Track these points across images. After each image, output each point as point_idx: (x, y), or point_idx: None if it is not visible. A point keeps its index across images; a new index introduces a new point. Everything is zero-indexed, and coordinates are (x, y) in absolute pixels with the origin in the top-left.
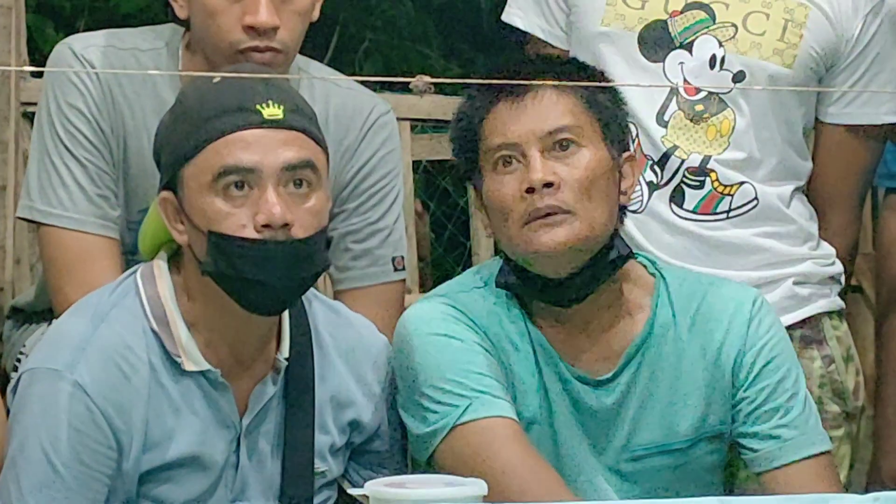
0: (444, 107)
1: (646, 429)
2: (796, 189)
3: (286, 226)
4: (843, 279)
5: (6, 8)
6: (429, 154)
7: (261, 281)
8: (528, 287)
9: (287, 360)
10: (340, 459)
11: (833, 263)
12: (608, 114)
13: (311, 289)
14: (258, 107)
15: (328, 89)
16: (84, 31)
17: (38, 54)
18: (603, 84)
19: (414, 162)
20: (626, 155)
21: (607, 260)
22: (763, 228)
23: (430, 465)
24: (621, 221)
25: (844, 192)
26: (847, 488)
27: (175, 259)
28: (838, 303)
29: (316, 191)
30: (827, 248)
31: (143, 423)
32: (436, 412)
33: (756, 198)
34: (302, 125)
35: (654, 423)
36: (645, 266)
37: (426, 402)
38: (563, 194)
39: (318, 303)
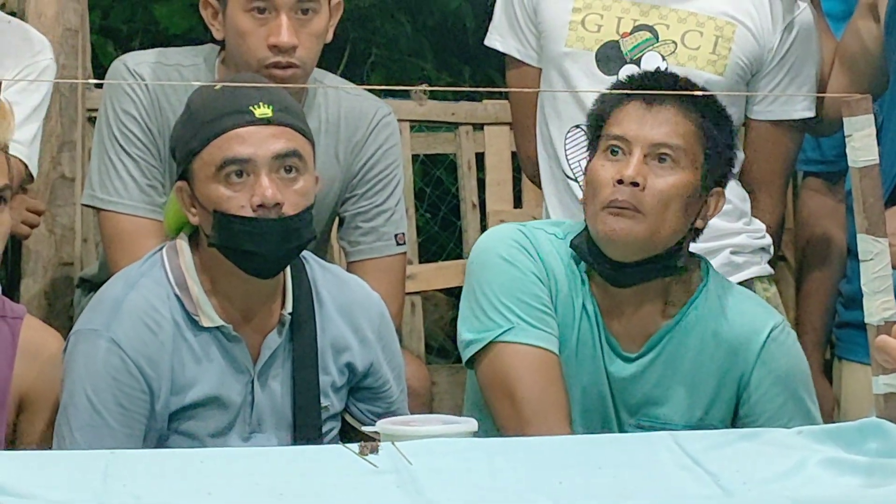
0: (438, 110)
1: (653, 404)
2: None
3: (278, 205)
4: (771, 250)
5: (74, 31)
6: (425, 149)
7: (256, 251)
8: (594, 258)
9: (291, 314)
10: (341, 396)
11: (763, 237)
12: (717, 151)
13: (312, 255)
14: (251, 108)
15: (340, 96)
16: (139, 48)
17: (100, 68)
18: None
19: (413, 155)
20: (716, 189)
21: (666, 264)
22: None
23: (469, 367)
24: (693, 239)
25: (771, 177)
26: None
27: (193, 237)
28: (768, 269)
29: (303, 175)
30: (758, 224)
31: (169, 371)
32: (482, 324)
33: None
34: (289, 121)
35: (661, 401)
36: (699, 267)
37: (477, 312)
38: (643, 196)
39: (317, 266)
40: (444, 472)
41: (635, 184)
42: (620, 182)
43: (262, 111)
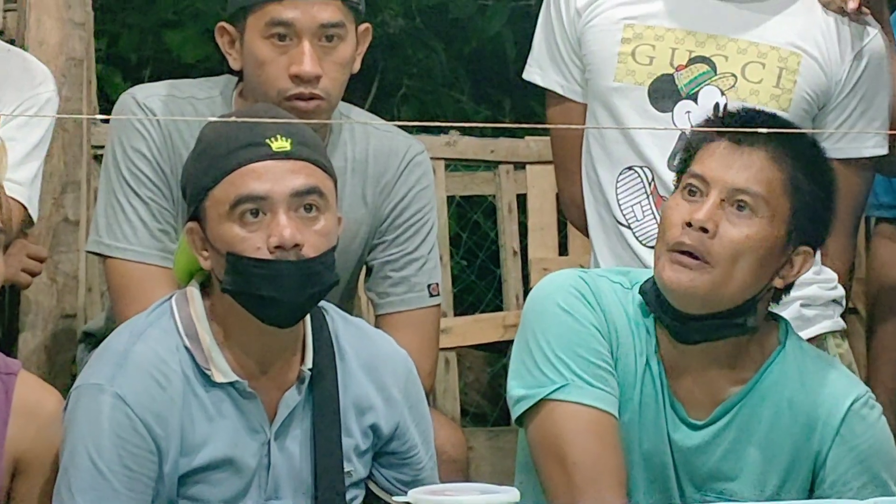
0: (475, 147)
1: (721, 478)
2: None
3: (297, 246)
4: (844, 302)
5: (78, 60)
6: (461, 190)
7: (274, 297)
8: (658, 306)
9: (311, 370)
10: (365, 462)
11: (835, 287)
12: (805, 204)
13: (333, 307)
14: (268, 140)
15: (368, 132)
16: (149, 79)
17: (107, 101)
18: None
19: (448, 197)
20: (804, 249)
21: (735, 322)
22: None
23: (520, 425)
24: (774, 300)
25: (840, 220)
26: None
27: (206, 285)
28: (840, 323)
29: (324, 213)
30: (829, 274)
31: (179, 429)
32: (534, 379)
33: None
34: (308, 155)
35: (730, 475)
36: (777, 328)
37: (529, 366)
38: (712, 245)
39: (339, 319)
40: None
41: (705, 230)
42: (690, 225)
43: (280, 144)
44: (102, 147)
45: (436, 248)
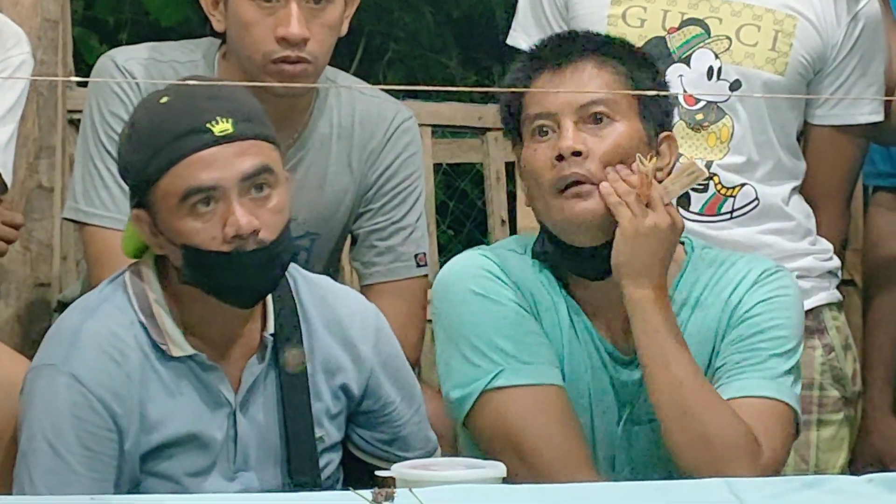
0: (463, 113)
1: None
2: (794, 188)
3: (255, 232)
4: (840, 273)
5: (53, 22)
6: (449, 157)
7: (237, 286)
8: (561, 256)
9: (273, 336)
10: (338, 424)
11: (831, 258)
12: (651, 97)
13: (295, 267)
14: (209, 125)
15: (354, 97)
16: (127, 42)
17: (83, 65)
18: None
19: (435, 165)
20: (664, 134)
21: None
22: (765, 226)
23: (465, 427)
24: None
25: (834, 188)
26: (847, 468)
27: (160, 260)
28: (837, 295)
29: (276, 189)
30: (825, 244)
31: (138, 406)
32: (465, 375)
33: (757, 198)
34: (251, 131)
35: None
36: (682, 243)
37: (457, 362)
38: (590, 164)
39: (301, 279)
40: None
41: (577, 153)
42: (560, 158)
43: (223, 127)
44: (79, 112)
45: (423, 216)
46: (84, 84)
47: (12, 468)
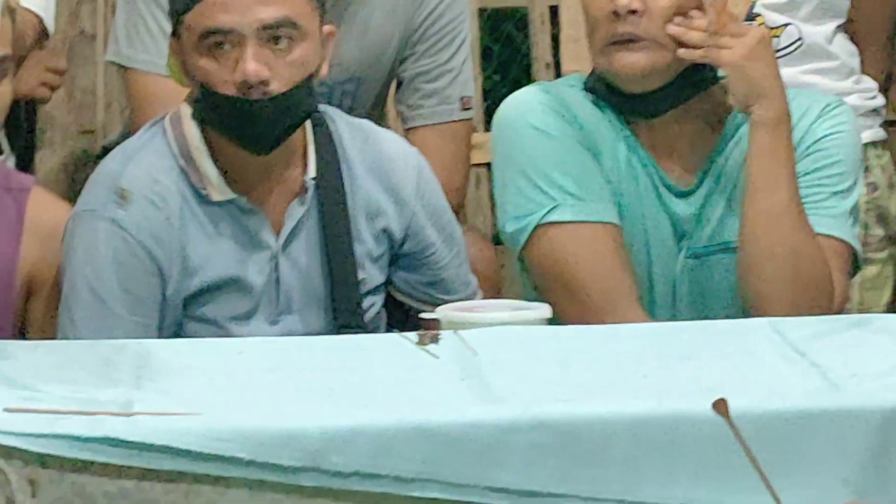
0: None
1: (718, 228)
2: (838, 27)
3: (263, 83)
4: (883, 112)
5: None
6: (493, 2)
7: (244, 133)
8: (615, 96)
9: (314, 179)
10: (380, 267)
11: (875, 96)
12: None
13: (336, 111)
14: None
15: None
16: None
17: None
18: None
19: (479, 9)
20: None
21: (692, 80)
22: (809, 66)
23: (520, 261)
24: None
25: (878, 25)
26: (891, 307)
27: (199, 103)
28: (881, 134)
29: (299, 44)
30: (869, 82)
31: (180, 250)
32: (523, 208)
33: (800, 37)
34: None
35: (723, 223)
36: None
37: (515, 196)
38: (646, 23)
39: (343, 123)
40: (512, 365)
41: (633, 11)
42: (616, 14)
43: None
44: None
45: (469, 60)
46: None
47: (56, 314)
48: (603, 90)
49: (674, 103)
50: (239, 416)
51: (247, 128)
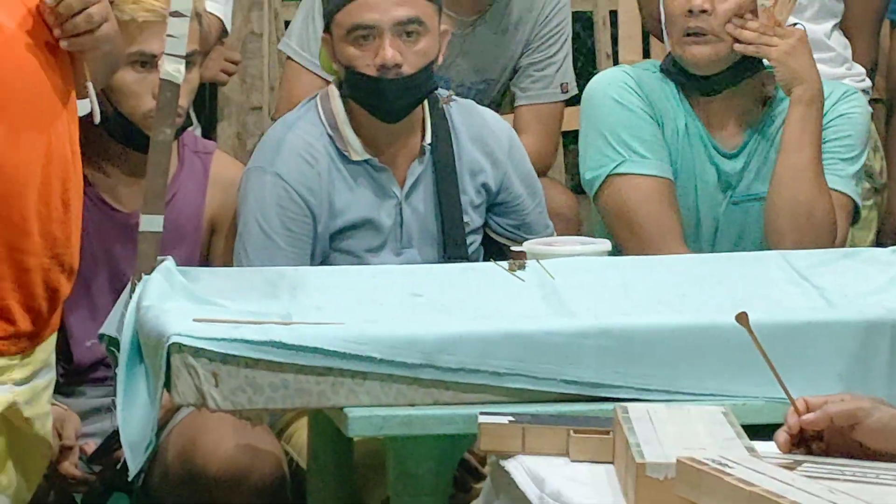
0: None
1: (755, 182)
2: (835, 25)
3: (397, 66)
4: (871, 91)
5: None
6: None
7: (379, 105)
8: (683, 77)
9: (430, 144)
10: (479, 213)
11: (863, 80)
12: None
13: (446, 93)
14: None
15: None
16: None
17: None
18: None
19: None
20: None
21: (743, 67)
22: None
23: (595, 203)
24: None
25: (866, 22)
26: (875, 243)
27: (342, 85)
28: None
29: (423, 37)
30: (859, 68)
31: (328, 197)
32: (598, 160)
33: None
34: None
35: (759, 178)
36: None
37: (593, 151)
38: (712, 21)
39: (454, 103)
40: (582, 287)
41: (703, 10)
42: (691, 12)
43: None
44: None
45: (569, 55)
46: None
47: (232, 247)
48: (674, 72)
49: (728, 85)
50: (373, 325)
51: (383, 101)
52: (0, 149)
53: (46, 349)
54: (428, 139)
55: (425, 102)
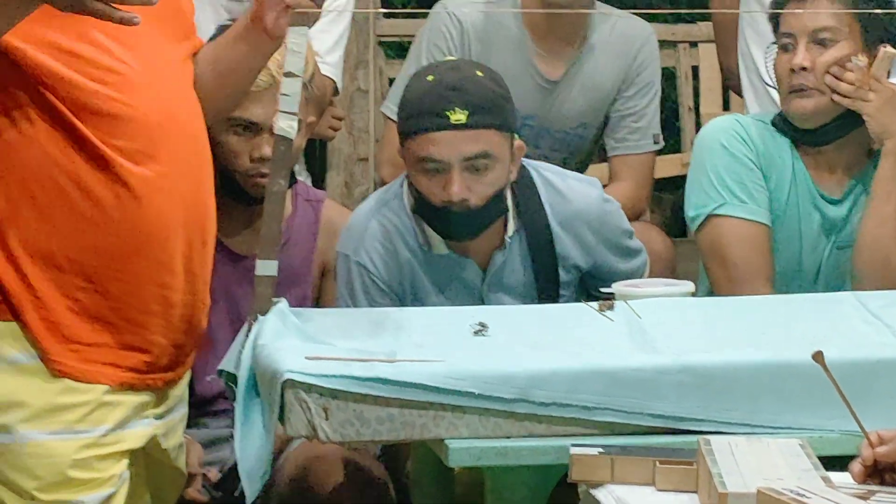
0: (660, 31)
1: (858, 228)
2: None
3: (464, 200)
4: None
5: None
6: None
7: (446, 232)
8: (792, 130)
9: (510, 238)
10: (570, 279)
11: None
12: (872, 21)
13: (538, 168)
14: (447, 112)
15: (609, 19)
16: None
17: (386, 2)
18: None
19: None
20: (882, 47)
21: (849, 120)
22: None
23: (696, 240)
24: None
25: None
26: None
27: None
28: None
29: (492, 168)
30: None
31: (410, 285)
32: (702, 200)
33: None
34: (482, 123)
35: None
36: None
37: (698, 191)
38: (813, 77)
39: (541, 182)
40: (666, 325)
41: (803, 68)
42: (792, 70)
43: (457, 117)
44: (386, 36)
45: (658, 106)
46: (389, 15)
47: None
48: (783, 125)
49: (835, 137)
50: (471, 362)
51: (449, 229)
52: (153, 190)
53: (182, 384)
54: (510, 231)
55: (512, 187)
